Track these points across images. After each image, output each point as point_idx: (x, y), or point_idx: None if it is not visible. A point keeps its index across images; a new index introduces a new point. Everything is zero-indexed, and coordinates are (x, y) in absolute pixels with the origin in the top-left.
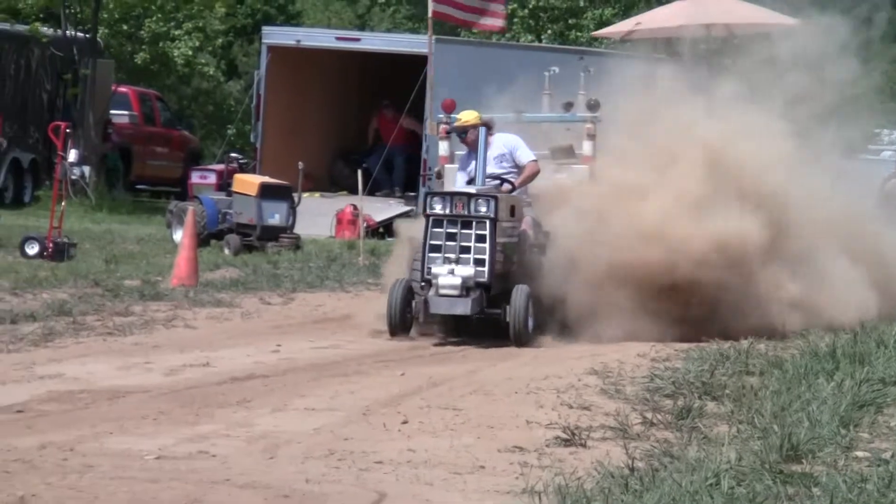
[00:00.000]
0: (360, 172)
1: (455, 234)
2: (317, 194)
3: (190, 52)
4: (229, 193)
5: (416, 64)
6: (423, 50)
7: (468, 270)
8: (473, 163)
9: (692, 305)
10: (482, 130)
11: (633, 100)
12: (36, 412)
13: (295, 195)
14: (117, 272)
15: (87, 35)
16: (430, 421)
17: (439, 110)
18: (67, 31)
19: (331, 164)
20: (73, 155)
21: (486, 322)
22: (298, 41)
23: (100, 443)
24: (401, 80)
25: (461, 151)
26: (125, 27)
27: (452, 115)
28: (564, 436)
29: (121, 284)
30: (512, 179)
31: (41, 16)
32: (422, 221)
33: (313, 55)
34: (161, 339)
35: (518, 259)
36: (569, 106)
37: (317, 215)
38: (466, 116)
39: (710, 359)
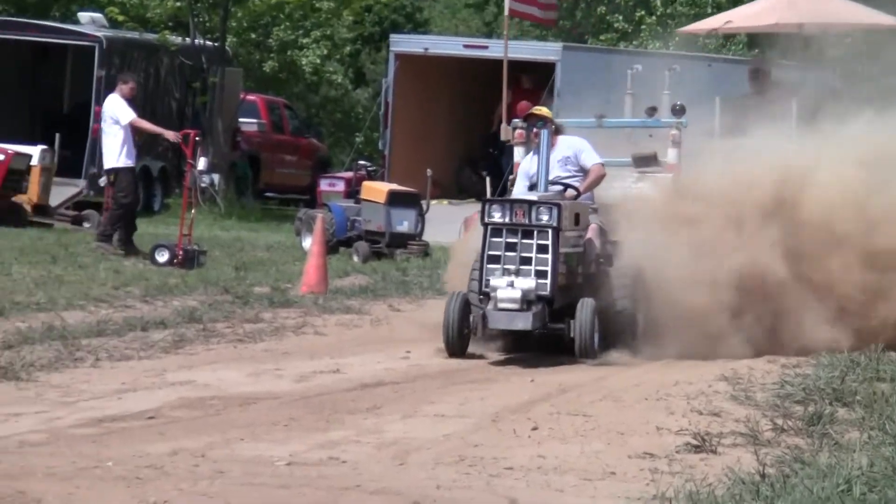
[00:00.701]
0: (487, 179)
1: (515, 244)
2: (445, 201)
3: (318, 61)
4: (358, 201)
5: (543, 71)
6: (551, 57)
7: (529, 283)
8: (535, 167)
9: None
10: (545, 133)
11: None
12: (167, 418)
13: (423, 202)
14: (247, 279)
15: (216, 44)
16: (560, 427)
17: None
18: (196, 40)
19: (458, 170)
20: (202, 163)
21: (549, 337)
22: (426, 49)
23: (231, 449)
24: (529, 86)
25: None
26: (253, 36)
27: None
28: (695, 442)
29: (250, 292)
30: (577, 184)
31: (170, 25)
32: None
33: (441, 63)
34: (291, 346)
35: (583, 270)
36: (652, 111)
37: (445, 222)
38: (543, 110)
39: (841, 365)
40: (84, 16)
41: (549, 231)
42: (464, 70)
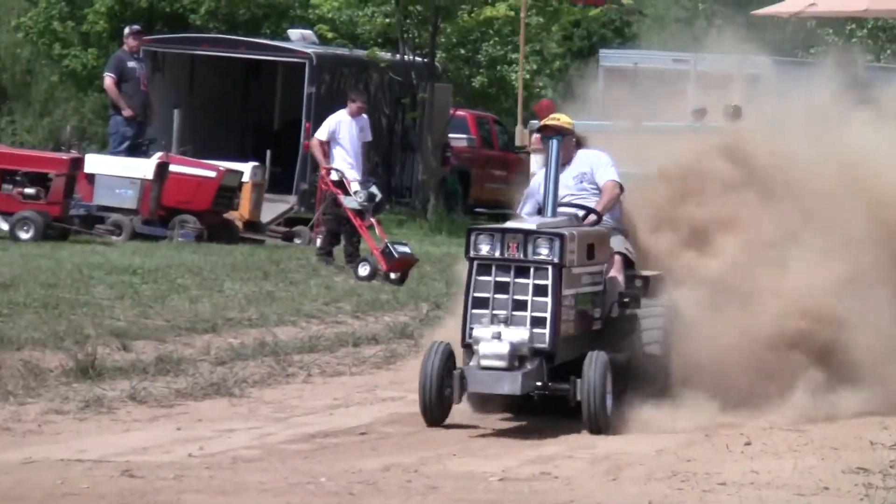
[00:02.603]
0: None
1: (507, 284)
2: None
3: (527, 76)
4: None
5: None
6: (758, 71)
7: (521, 334)
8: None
9: None
10: (554, 143)
11: None
12: (379, 434)
13: None
14: (458, 294)
15: (425, 59)
16: (773, 442)
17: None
18: (405, 56)
19: None
20: (354, 185)
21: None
22: (635, 63)
23: (443, 464)
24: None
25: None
26: (462, 51)
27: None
28: None
29: None
30: (593, 206)
31: (379, 41)
32: None
33: (650, 76)
34: None
35: (602, 315)
36: (701, 113)
37: None
38: (562, 118)
39: None
40: (294, 33)
41: (549, 268)
42: (673, 84)
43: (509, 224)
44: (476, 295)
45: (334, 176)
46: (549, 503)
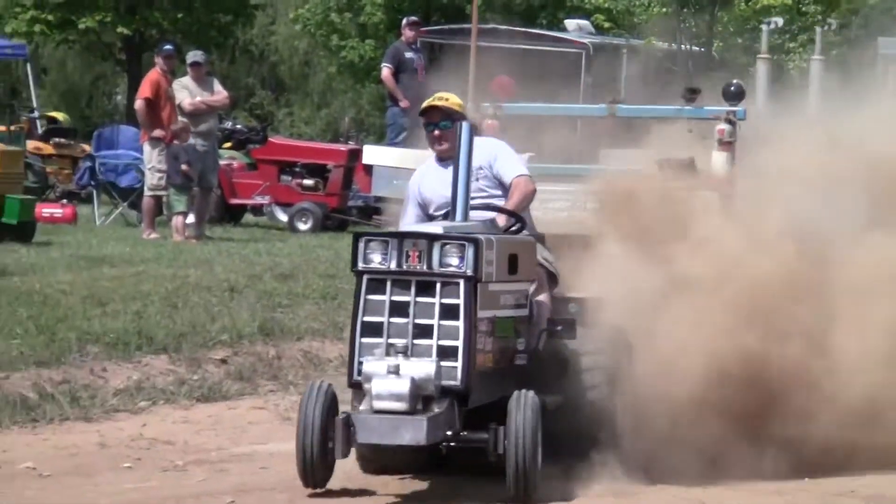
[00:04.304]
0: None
1: (406, 304)
2: None
3: (804, 65)
4: None
5: None
6: None
7: (425, 367)
8: (438, 184)
9: None
10: (465, 127)
11: None
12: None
13: None
14: None
15: (702, 49)
16: None
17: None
18: (682, 46)
19: None
20: None
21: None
22: None
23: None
24: None
25: None
26: (739, 41)
27: (507, 104)
28: None
29: None
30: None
31: (656, 30)
32: None
33: None
34: None
35: (526, 347)
36: (693, 93)
37: None
38: (451, 99)
39: None
40: (571, 23)
41: (462, 283)
42: None
43: (408, 227)
44: (366, 319)
45: None
46: (829, 493)
